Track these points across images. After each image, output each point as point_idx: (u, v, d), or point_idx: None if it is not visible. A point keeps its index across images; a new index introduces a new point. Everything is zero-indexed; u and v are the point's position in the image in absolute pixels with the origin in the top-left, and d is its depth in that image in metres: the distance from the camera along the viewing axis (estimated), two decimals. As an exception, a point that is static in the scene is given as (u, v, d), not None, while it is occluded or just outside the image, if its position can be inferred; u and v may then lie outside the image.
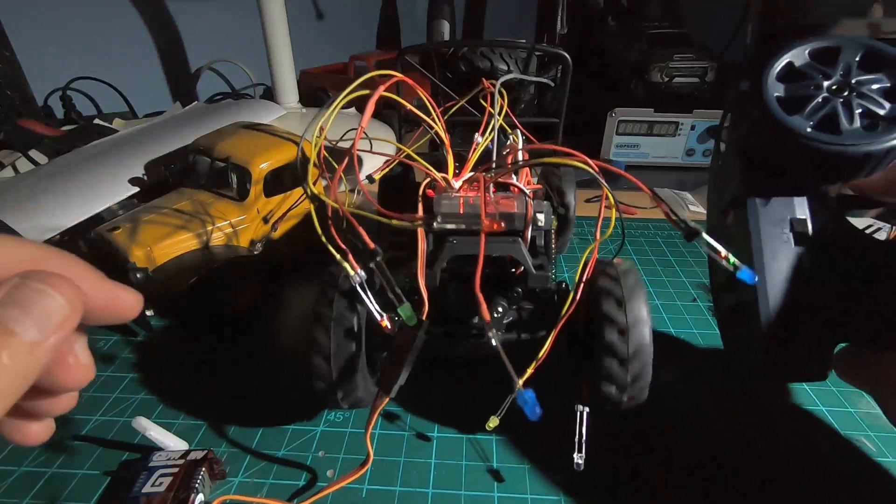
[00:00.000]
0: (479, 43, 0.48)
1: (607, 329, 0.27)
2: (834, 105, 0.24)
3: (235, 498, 0.28)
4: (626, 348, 0.26)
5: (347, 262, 0.16)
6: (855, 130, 0.23)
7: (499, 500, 0.28)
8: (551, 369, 0.27)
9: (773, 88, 0.25)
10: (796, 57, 0.25)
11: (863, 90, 0.24)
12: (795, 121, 0.24)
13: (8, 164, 0.61)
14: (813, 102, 0.24)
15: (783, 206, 0.26)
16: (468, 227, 0.27)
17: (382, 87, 0.27)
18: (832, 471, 0.30)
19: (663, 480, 0.29)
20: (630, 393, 0.27)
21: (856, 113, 0.23)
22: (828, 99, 0.24)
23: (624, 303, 0.27)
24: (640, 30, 0.84)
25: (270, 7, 0.72)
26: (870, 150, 0.22)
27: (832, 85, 0.24)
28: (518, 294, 0.31)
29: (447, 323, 0.31)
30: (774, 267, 0.25)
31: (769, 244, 0.25)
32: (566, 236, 0.50)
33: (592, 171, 0.26)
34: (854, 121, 0.23)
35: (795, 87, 0.25)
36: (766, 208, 0.26)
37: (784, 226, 0.26)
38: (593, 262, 0.29)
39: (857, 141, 0.23)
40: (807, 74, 0.25)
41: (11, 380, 0.13)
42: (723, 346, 0.32)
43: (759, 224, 0.26)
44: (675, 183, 0.71)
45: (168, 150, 0.57)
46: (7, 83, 0.73)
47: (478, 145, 0.32)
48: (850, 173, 0.24)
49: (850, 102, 0.24)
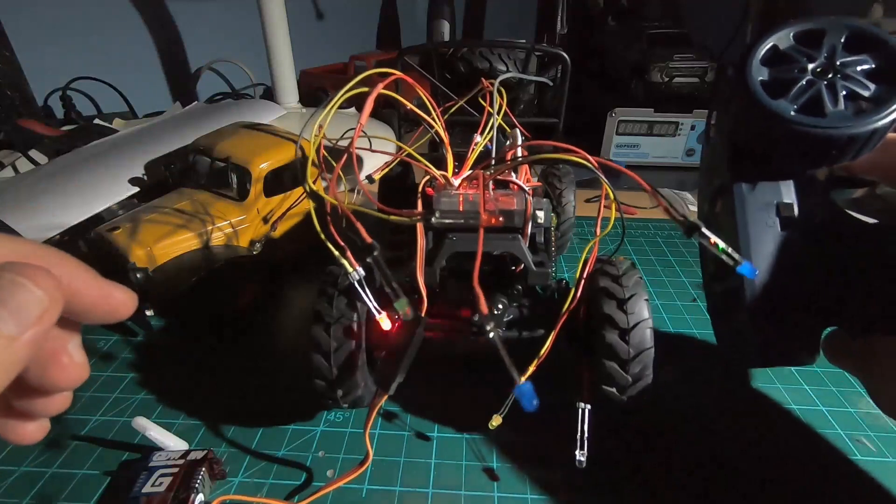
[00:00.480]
0: (478, 43, 0.48)
1: (608, 329, 0.27)
2: (818, 87, 0.23)
3: (235, 498, 0.28)
4: (628, 349, 0.26)
5: (346, 259, 0.16)
6: (839, 112, 0.23)
7: (499, 500, 0.28)
8: (553, 367, 0.27)
9: (757, 72, 0.24)
10: (781, 40, 0.25)
11: (847, 72, 0.23)
12: (780, 105, 0.23)
13: (8, 164, 0.61)
14: (797, 86, 0.24)
15: (769, 190, 0.26)
16: (467, 223, 0.27)
17: (381, 84, 0.27)
18: (832, 471, 0.30)
19: (663, 480, 0.29)
20: (631, 392, 0.27)
21: (840, 95, 0.23)
22: (812, 82, 0.23)
23: (625, 303, 0.27)
24: (640, 30, 0.83)
25: (270, 7, 0.72)
26: (854, 132, 0.22)
27: (816, 67, 0.24)
28: (518, 291, 0.31)
29: (447, 320, 0.31)
30: (761, 252, 0.25)
31: (755, 229, 0.25)
32: (566, 236, 0.50)
33: (591, 167, 0.25)
34: (838, 103, 0.23)
35: (779, 71, 0.24)
36: (752, 194, 0.26)
37: (770, 210, 0.25)
38: (593, 258, 0.29)
39: (841, 123, 0.22)
40: (791, 57, 0.24)
41: None
42: (714, 338, 0.32)
43: (745, 210, 0.25)
44: (675, 183, 0.71)
45: (168, 150, 0.57)
46: (7, 83, 0.73)
47: (477, 144, 0.32)
48: (836, 156, 0.23)
49: (834, 84, 0.23)
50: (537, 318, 0.31)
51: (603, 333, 0.27)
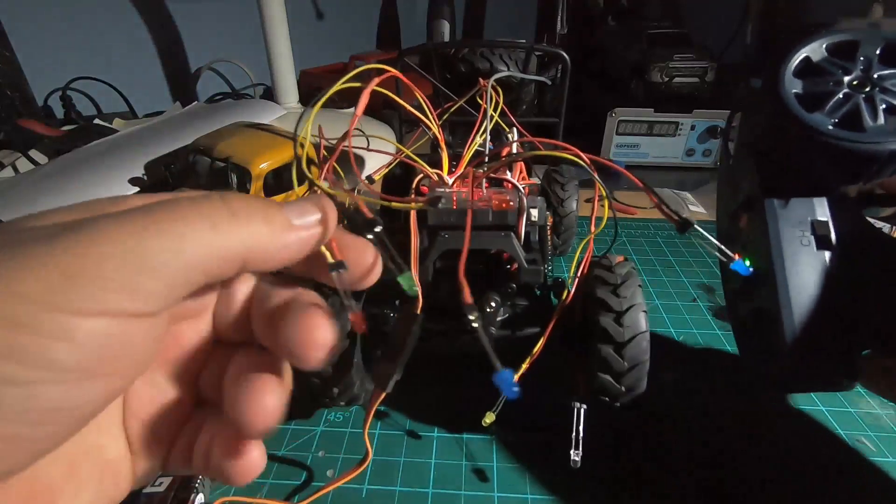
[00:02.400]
0: (478, 43, 0.47)
1: (602, 314, 0.27)
2: (856, 101, 0.23)
3: (235, 499, 0.28)
4: (622, 332, 0.26)
5: (329, 251, 0.15)
6: (880, 127, 0.22)
7: (498, 500, 0.28)
8: (550, 367, 0.27)
9: (790, 85, 0.24)
10: (813, 52, 0.24)
11: (885, 85, 0.23)
12: (816, 118, 0.23)
13: (8, 164, 0.61)
14: (834, 99, 0.23)
15: (803, 207, 0.25)
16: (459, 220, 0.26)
17: (377, 79, 0.27)
18: (832, 471, 0.30)
19: (663, 480, 0.29)
20: (628, 381, 0.27)
21: (880, 109, 0.22)
22: (849, 95, 0.23)
23: (618, 287, 0.27)
24: (640, 30, 0.83)
25: (270, 7, 0.72)
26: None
27: (853, 80, 0.23)
28: (512, 290, 0.31)
29: (441, 319, 0.31)
30: (796, 272, 0.24)
31: (790, 248, 0.24)
32: (569, 237, 0.49)
33: (584, 164, 0.25)
34: (878, 117, 0.22)
35: (814, 83, 0.24)
36: (784, 210, 0.25)
37: (805, 228, 0.24)
38: (588, 257, 0.29)
39: (882, 138, 0.22)
40: (825, 70, 0.24)
41: (266, 241, 0.14)
42: (739, 354, 0.31)
43: (778, 227, 0.25)
44: (675, 183, 0.71)
45: (168, 150, 0.57)
46: (7, 83, 0.73)
47: (472, 142, 0.32)
48: (876, 172, 0.23)
49: (872, 98, 0.22)
50: (532, 316, 0.31)
51: (597, 318, 0.27)
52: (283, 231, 0.15)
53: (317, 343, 0.14)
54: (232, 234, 0.13)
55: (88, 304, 0.11)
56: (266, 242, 0.14)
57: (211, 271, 0.13)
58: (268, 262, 0.15)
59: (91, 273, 0.11)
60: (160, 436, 0.16)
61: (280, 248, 0.15)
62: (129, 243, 0.12)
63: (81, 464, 0.14)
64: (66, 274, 0.11)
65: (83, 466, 0.14)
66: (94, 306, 0.11)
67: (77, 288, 0.11)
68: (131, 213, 0.13)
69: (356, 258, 0.17)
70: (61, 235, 0.11)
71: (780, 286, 0.24)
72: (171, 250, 0.12)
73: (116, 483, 0.15)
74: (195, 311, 0.16)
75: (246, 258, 0.14)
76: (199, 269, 0.13)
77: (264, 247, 0.14)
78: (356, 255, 0.17)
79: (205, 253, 0.13)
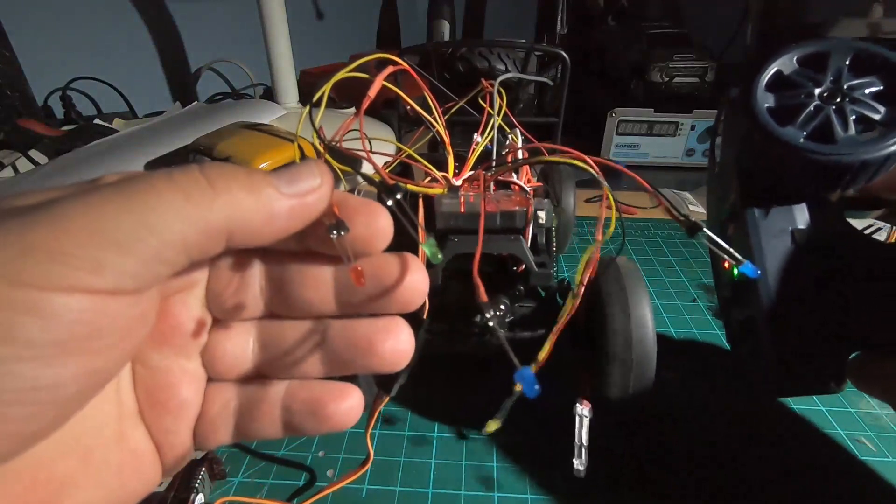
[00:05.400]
0: (478, 43, 0.48)
1: (609, 313, 0.27)
2: (827, 113, 0.23)
3: (235, 499, 0.28)
4: (630, 330, 0.26)
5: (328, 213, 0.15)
6: (850, 138, 0.22)
7: (498, 501, 0.28)
8: (554, 369, 0.27)
9: (763, 99, 0.24)
10: (784, 65, 0.24)
11: (855, 95, 0.23)
12: (788, 132, 0.23)
13: (8, 164, 0.61)
14: (805, 112, 0.23)
15: (783, 216, 0.25)
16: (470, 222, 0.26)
17: (390, 68, 0.27)
18: (832, 471, 0.30)
19: (664, 480, 0.29)
20: (634, 380, 0.27)
21: (850, 119, 0.22)
22: (820, 107, 0.23)
23: (625, 289, 0.27)
24: (640, 30, 0.83)
25: (270, 7, 0.72)
26: (867, 157, 0.22)
27: (823, 92, 0.23)
28: (520, 292, 0.31)
29: (449, 322, 0.31)
30: (779, 280, 0.24)
31: (772, 256, 0.25)
32: (566, 236, 0.49)
33: (592, 171, 0.25)
34: (849, 128, 0.22)
35: (786, 97, 0.24)
36: (765, 220, 0.25)
37: (785, 237, 0.25)
38: (595, 262, 0.29)
39: (853, 149, 0.22)
40: (796, 82, 0.24)
41: (251, 212, 0.13)
42: (733, 362, 0.31)
43: (759, 236, 0.25)
44: (675, 183, 0.71)
45: (168, 150, 0.57)
46: (7, 83, 0.73)
47: (477, 145, 0.32)
48: (849, 182, 0.23)
49: (843, 109, 0.23)
50: (540, 318, 0.31)
51: (604, 344, 0.27)
52: (269, 200, 0.13)
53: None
54: (210, 205, 0.12)
55: (55, 280, 0.11)
56: (251, 214, 0.13)
57: (191, 248, 0.13)
58: (256, 236, 0.14)
59: (52, 248, 0.11)
60: (179, 416, 0.15)
61: (267, 219, 0.13)
62: (90, 216, 0.11)
63: (98, 455, 0.14)
64: (24, 249, 0.11)
65: (100, 457, 0.14)
66: (61, 282, 0.11)
67: (37, 263, 0.11)
68: (99, 187, 0.12)
69: (365, 221, 0.15)
70: (27, 213, 0.11)
71: (763, 294, 0.24)
72: (140, 223, 0.12)
73: (140, 474, 0.15)
74: (188, 284, 0.16)
75: (230, 231, 0.13)
76: (178, 245, 0.12)
77: (249, 218, 0.13)
78: (365, 218, 0.15)
79: (181, 228, 0.12)
